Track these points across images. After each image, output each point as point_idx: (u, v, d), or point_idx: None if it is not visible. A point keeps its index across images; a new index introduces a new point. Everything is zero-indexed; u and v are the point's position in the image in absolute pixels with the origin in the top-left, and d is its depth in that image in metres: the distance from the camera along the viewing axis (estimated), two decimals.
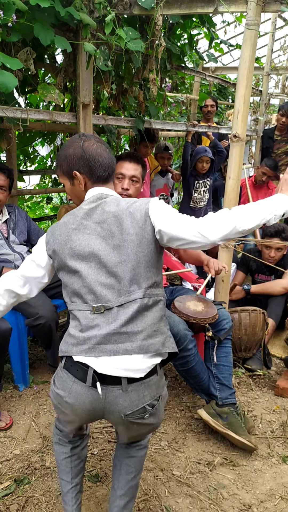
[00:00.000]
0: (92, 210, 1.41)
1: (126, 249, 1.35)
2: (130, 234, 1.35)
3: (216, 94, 6.95)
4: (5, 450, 2.07)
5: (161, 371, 1.40)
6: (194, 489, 1.91)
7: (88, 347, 1.32)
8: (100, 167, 1.47)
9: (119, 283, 1.34)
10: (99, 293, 1.34)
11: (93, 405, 1.34)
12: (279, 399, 2.59)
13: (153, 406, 1.36)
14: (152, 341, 1.34)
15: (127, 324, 1.32)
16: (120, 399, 1.31)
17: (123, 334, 1.32)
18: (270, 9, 2.37)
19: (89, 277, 1.35)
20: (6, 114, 2.20)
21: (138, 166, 2.35)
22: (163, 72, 3.22)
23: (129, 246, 1.35)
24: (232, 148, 2.55)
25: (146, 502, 1.82)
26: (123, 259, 1.34)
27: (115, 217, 1.37)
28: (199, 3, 2.45)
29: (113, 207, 1.40)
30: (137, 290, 1.34)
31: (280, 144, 4.92)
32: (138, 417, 1.34)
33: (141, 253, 1.35)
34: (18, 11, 1.99)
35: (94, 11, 2.38)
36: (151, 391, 1.34)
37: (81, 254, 1.37)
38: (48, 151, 4.40)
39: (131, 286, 1.34)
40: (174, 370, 2.75)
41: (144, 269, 1.35)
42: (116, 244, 1.35)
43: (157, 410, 1.39)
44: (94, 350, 1.31)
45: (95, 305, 1.34)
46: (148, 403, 1.34)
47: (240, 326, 2.79)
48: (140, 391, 1.32)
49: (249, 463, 2.08)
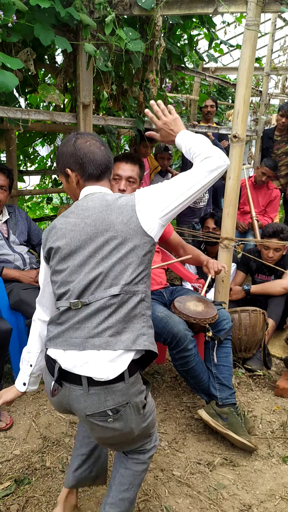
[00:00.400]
0: (77, 206, 1.42)
1: (108, 245, 1.34)
2: (115, 230, 1.34)
3: (216, 94, 6.96)
4: (5, 451, 2.07)
5: (133, 378, 1.33)
6: (194, 489, 1.91)
7: (61, 340, 1.35)
8: (91, 164, 1.45)
9: (98, 279, 1.33)
10: (77, 289, 1.34)
11: (60, 399, 1.37)
12: (279, 399, 2.59)
13: (117, 412, 1.32)
14: (121, 338, 1.32)
15: (101, 321, 1.32)
16: (81, 398, 1.32)
17: (95, 329, 1.32)
18: (270, 9, 2.37)
19: (69, 273, 1.36)
20: (7, 114, 2.21)
21: (135, 166, 2.34)
22: (163, 72, 3.22)
23: (112, 243, 1.34)
24: (232, 149, 2.55)
25: (146, 502, 1.83)
26: (104, 255, 1.34)
27: (100, 212, 1.37)
28: (199, 3, 2.45)
29: (98, 202, 1.39)
30: (115, 286, 1.33)
31: (280, 144, 4.93)
32: (100, 419, 1.32)
33: (124, 249, 1.33)
34: (18, 12, 1.99)
35: (94, 11, 2.39)
36: (115, 397, 1.31)
37: (64, 251, 1.38)
38: (48, 151, 4.41)
39: (110, 282, 1.33)
40: (174, 370, 2.75)
41: (125, 266, 1.34)
42: (98, 240, 1.35)
43: (124, 417, 1.33)
44: (65, 343, 1.34)
45: (73, 301, 1.34)
46: (110, 407, 1.31)
47: (240, 326, 2.79)
48: (101, 395, 1.30)
49: (249, 463, 2.08)
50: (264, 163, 4.39)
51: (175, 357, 2.16)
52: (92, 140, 1.48)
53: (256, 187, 4.52)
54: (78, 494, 1.83)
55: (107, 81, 2.63)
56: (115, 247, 1.34)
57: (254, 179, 4.55)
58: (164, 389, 2.63)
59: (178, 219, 4.34)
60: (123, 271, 1.33)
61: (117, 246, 1.34)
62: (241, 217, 4.43)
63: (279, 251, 3.22)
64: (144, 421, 1.42)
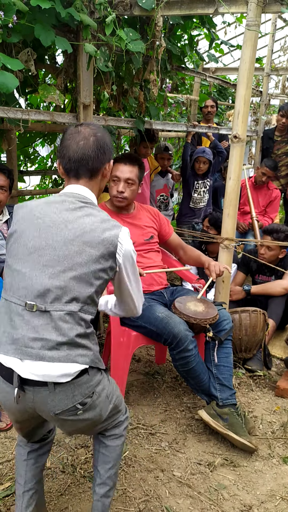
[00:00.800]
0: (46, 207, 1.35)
1: (71, 259, 1.29)
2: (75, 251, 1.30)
3: (216, 94, 6.96)
4: (5, 451, 2.07)
5: (93, 370, 1.34)
6: (194, 489, 1.91)
7: (16, 347, 1.26)
8: (65, 157, 1.38)
9: (57, 288, 1.27)
10: (36, 291, 1.27)
11: (23, 405, 1.31)
12: (280, 399, 2.59)
13: (85, 404, 1.31)
14: (79, 352, 1.28)
15: (57, 332, 1.26)
16: (48, 399, 1.27)
17: (50, 341, 1.25)
18: (270, 10, 2.37)
19: (30, 275, 1.29)
20: (7, 115, 2.21)
21: (134, 168, 2.34)
22: (163, 72, 3.22)
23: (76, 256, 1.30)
24: (233, 149, 2.55)
25: (147, 502, 1.82)
26: (67, 267, 1.28)
27: (63, 225, 1.31)
28: (199, 4, 2.45)
29: (65, 215, 1.33)
30: (75, 303, 1.28)
31: (280, 144, 4.93)
32: (70, 414, 1.30)
33: (84, 270, 1.30)
34: (19, 12, 1.99)
35: (95, 12, 2.39)
36: (82, 390, 1.29)
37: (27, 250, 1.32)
38: (48, 151, 4.40)
39: (69, 296, 1.28)
40: (175, 370, 2.75)
41: (84, 285, 1.29)
42: (65, 248, 1.30)
43: (92, 406, 1.34)
44: (20, 352, 1.25)
45: (29, 302, 1.27)
46: (79, 401, 1.29)
47: (241, 326, 2.79)
48: (68, 392, 1.27)
49: (249, 464, 2.08)
50: (264, 163, 4.40)
51: (176, 357, 2.16)
52: (82, 132, 1.40)
53: (256, 187, 4.52)
54: (79, 495, 1.84)
55: (107, 81, 2.63)
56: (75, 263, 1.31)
57: (254, 180, 4.55)
58: (165, 389, 2.63)
59: (178, 219, 4.34)
60: (82, 290, 1.29)
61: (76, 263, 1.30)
62: (241, 217, 4.44)
63: (271, 250, 3.22)
64: (110, 402, 1.43)
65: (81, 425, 1.37)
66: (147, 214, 2.62)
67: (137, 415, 2.37)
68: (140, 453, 2.10)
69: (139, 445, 2.15)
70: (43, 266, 1.29)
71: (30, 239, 1.31)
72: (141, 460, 2.05)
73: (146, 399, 2.52)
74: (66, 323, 1.27)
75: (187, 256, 2.70)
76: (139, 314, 1.59)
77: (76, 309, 1.28)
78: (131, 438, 2.19)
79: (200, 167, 4.00)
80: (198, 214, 4.23)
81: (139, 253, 2.47)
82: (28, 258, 1.30)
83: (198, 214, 4.23)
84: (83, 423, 1.36)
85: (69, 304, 1.28)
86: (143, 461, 2.05)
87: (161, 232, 2.65)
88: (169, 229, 2.69)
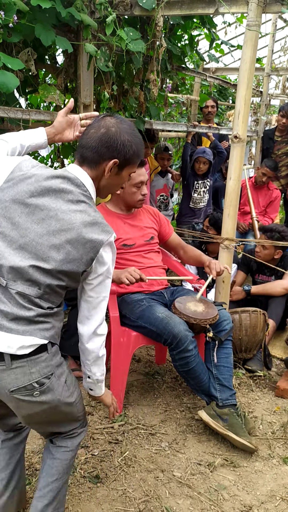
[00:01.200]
0: (44, 193, 1.32)
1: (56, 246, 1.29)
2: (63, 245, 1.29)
3: (216, 95, 6.96)
4: None
5: (54, 348, 1.34)
6: (194, 490, 1.91)
7: None
8: (81, 138, 1.43)
9: (25, 271, 1.27)
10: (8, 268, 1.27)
11: None
12: (280, 400, 2.59)
13: (43, 384, 1.29)
14: (39, 327, 1.28)
15: (17, 307, 1.26)
16: (3, 374, 1.26)
17: (9, 314, 1.26)
18: (270, 10, 2.37)
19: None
20: (7, 114, 2.21)
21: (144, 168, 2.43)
22: (163, 73, 3.22)
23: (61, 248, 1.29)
24: (233, 149, 2.55)
25: (147, 503, 1.82)
26: (45, 256, 1.28)
27: (57, 218, 1.30)
28: (200, 4, 2.46)
29: (61, 205, 1.32)
30: (37, 289, 1.28)
31: (281, 145, 4.93)
32: (26, 394, 1.28)
33: (67, 265, 1.30)
34: (19, 12, 2.00)
35: (95, 12, 2.39)
36: (40, 368, 1.28)
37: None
38: (48, 151, 4.40)
39: (31, 281, 1.28)
40: (175, 370, 2.75)
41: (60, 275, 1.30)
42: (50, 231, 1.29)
43: (50, 388, 1.32)
44: None
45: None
46: (36, 380, 1.28)
47: (241, 327, 2.79)
48: (25, 368, 1.26)
49: (249, 464, 2.08)
50: (264, 163, 4.40)
51: (176, 357, 2.16)
52: (102, 122, 1.41)
53: (256, 187, 4.52)
54: (79, 495, 1.83)
55: (107, 81, 2.63)
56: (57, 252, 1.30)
57: (254, 180, 4.55)
58: (165, 389, 2.63)
59: (178, 219, 4.34)
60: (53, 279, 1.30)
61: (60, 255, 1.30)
62: (242, 217, 4.44)
63: (265, 249, 3.22)
64: (69, 394, 1.40)
65: (37, 410, 1.33)
66: (147, 214, 2.62)
67: (137, 415, 2.37)
68: (140, 453, 2.10)
69: (139, 445, 2.15)
70: (19, 247, 1.28)
71: (19, 214, 1.30)
72: (141, 460, 2.05)
73: (146, 399, 2.52)
74: (26, 302, 1.27)
75: (188, 256, 2.70)
76: (87, 332, 1.43)
77: (35, 294, 1.28)
78: (131, 438, 2.19)
79: (200, 167, 4.00)
80: (198, 214, 4.23)
81: (139, 254, 2.47)
82: (10, 233, 1.29)
83: (198, 214, 4.23)
84: (39, 407, 1.32)
85: (29, 288, 1.27)
86: (143, 461, 2.05)
87: (161, 232, 2.66)
88: (169, 229, 2.69)
